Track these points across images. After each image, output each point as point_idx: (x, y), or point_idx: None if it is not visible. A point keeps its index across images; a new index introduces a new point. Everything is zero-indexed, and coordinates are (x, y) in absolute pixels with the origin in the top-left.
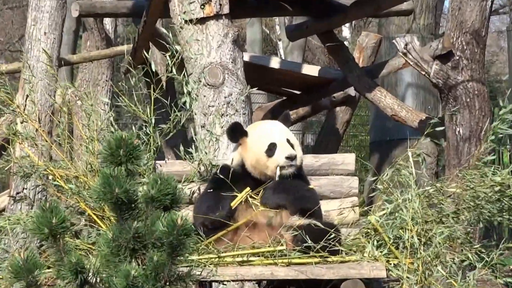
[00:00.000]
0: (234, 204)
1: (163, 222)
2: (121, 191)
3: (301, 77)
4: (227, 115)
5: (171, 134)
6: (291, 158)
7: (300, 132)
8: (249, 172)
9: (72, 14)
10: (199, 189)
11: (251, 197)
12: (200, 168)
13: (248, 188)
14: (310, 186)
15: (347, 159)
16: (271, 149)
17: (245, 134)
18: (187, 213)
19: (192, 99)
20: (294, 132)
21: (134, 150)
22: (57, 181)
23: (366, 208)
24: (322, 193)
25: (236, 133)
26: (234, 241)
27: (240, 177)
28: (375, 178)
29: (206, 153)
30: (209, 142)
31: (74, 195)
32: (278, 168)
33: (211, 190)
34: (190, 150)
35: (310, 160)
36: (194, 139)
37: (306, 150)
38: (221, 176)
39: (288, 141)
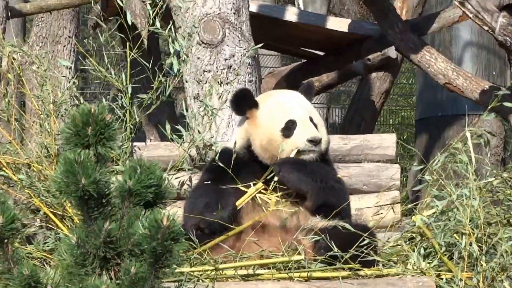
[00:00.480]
0: (240, 203)
1: (143, 223)
2: (88, 181)
3: (326, 33)
4: (227, 83)
5: (153, 107)
6: (315, 141)
7: (324, 105)
8: (257, 156)
9: None
10: (190, 179)
11: (259, 192)
12: (191, 152)
13: (260, 184)
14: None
15: (385, 141)
16: (289, 128)
17: (254, 105)
18: (175, 211)
19: (181, 61)
20: (315, 106)
21: (105, 129)
22: (4, 171)
23: (410, 205)
24: (352, 185)
25: (244, 103)
26: (237, 249)
27: (245, 164)
28: (422, 166)
29: (199, 132)
30: (204, 117)
31: (25, 188)
32: (295, 151)
33: (208, 182)
34: (179, 128)
35: (337, 142)
36: (184, 114)
37: (332, 129)
38: (220, 164)
39: (311, 119)
